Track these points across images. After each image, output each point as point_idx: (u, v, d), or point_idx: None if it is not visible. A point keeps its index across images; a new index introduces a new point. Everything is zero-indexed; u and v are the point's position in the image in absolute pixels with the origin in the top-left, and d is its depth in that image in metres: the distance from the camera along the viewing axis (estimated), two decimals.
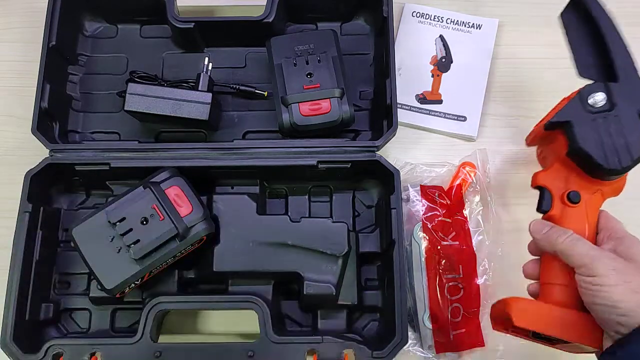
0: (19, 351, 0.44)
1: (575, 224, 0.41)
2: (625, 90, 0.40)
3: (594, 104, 0.40)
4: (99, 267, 0.45)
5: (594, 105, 0.40)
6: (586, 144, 0.39)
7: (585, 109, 0.40)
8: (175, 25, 0.53)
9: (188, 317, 0.51)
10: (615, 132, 0.39)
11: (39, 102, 0.50)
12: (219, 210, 0.49)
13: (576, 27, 0.44)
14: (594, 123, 0.40)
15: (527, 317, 0.39)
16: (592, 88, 0.41)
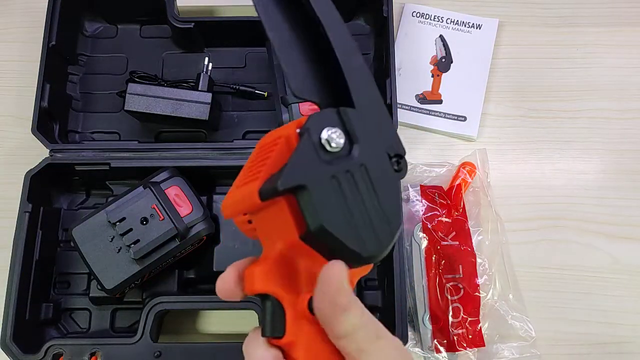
0: (19, 351, 0.44)
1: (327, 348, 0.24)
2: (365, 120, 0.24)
3: (329, 146, 0.23)
4: (98, 267, 0.45)
5: (330, 149, 0.23)
6: (332, 224, 0.23)
7: (320, 156, 0.23)
8: (175, 25, 0.53)
9: (188, 317, 0.51)
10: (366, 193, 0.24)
11: (39, 102, 0.50)
12: (219, 210, 0.49)
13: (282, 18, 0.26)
14: (335, 183, 0.23)
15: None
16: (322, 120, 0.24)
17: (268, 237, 0.25)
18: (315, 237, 0.23)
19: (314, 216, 0.22)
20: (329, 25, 0.25)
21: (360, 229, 0.23)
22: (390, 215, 0.24)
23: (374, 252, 0.24)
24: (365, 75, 0.25)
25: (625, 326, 0.51)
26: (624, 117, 0.57)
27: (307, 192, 0.22)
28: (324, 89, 0.26)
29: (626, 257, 0.53)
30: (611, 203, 0.54)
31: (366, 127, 0.24)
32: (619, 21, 0.60)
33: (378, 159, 0.24)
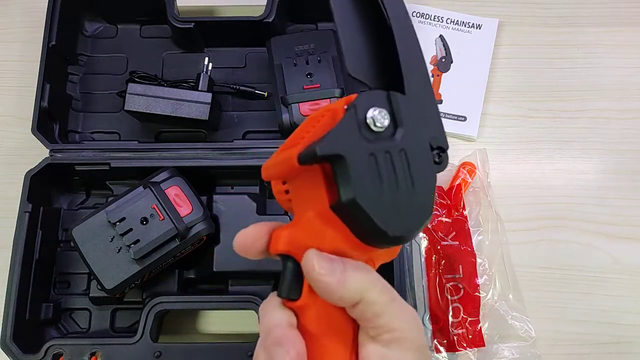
0: (19, 351, 0.44)
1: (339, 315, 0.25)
2: (413, 108, 0.25)
3: (374, 124, 0.24)
4: (98, 267, 0.45)
5: (374, 128, 0.24)
6: (364, 199, 0.23)
7: (362, 133, 0.23)
8: (175, 25, 0.53)
9: (188, 317, 0.51)
10: (402, 177, 0.24)
11: (39, 102, 0.49)
12: (219, 210, 0.49)
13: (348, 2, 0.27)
14: (373, 161, 0.23)
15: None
16: (371, 99, 0.24)
17: (301, 206, 0.26)
18: (346, 208, 0.23)
19: (347, 187, 0.23)
20: (392, 9, 0.26)
21: (389, 209, 0.23)
22: (422, 204, 0.24)
23: (400, 233, 0.24)
24: (420, 64, 0.25)
25: (625, 326, 0.51)
26: (624, 117, 0.57)
27: (344, 163, 0.23)
28: (378, 72, 0.26)
29: (626, 257, 0.53)
30: (611, 203, 0.54)
31: (413, 114, 0.24)
32: (619, 21, 0.60)
33: (420, 147, 0.24)
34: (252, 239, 0.26)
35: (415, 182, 0.24)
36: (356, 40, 0.26)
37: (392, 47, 0.25)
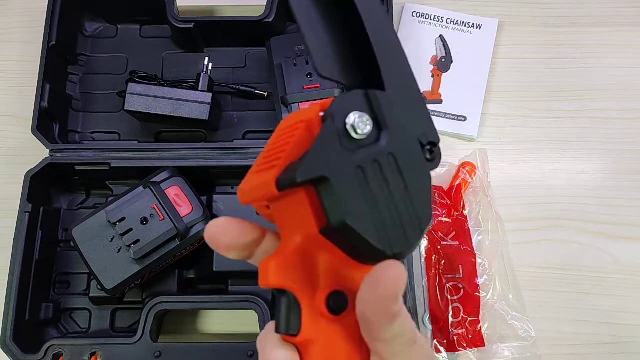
0: (19, 351, 0.44)
1: (346, 348, 0.23)
2: (396, 105, 0.22)
3: (355, 132, 0.21)
4: (98, 267, 0.45)
5: (356, 137, 0.21)
6: (356, 220, 0.21)
7: (343, 144, 0.21)
8: (175, 25, 0.53)
9: (188, 317, 0.51)
10: (395, 185, 0.21)
11: (39, 102, 0.49)
12: (219, 210, 0.49)
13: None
14: (361, 175, 0.21)
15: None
16: (348, 103, 0.21)
17: (286, 227, 0.23)
18: (337, 232, 0.21)
19: (335, 211, 0.21)
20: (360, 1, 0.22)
21: (386, 225, 0.21)
22: (420, 210, 0.22)
23: (400, 250, 0.21)
24: (398, 55, 0.22)
25: (625, 326, 0.51)
26: (624, 118, 0.57)
27: (328, 184, 0.20)
28: (352, 69, 0.23)
29: (626, 257, 0.53)
30: (611, 203, 0.54)
31: (396, 112, 0.22)
32: (619, 21, 0.60)
33: (409, 147, 0.22)
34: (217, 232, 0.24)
35: (409, 188, 0.22)
36: (322, 34, 0.22)
37: (363, 36, 0.22)
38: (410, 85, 0.23)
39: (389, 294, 0.20)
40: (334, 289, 0.22)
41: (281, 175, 0.21)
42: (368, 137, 0.21)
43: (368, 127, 0.21)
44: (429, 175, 0.22)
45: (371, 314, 0.21)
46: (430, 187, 0.22)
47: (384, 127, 0.21)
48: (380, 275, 0.20)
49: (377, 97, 0.21)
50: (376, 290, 0.20)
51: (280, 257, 0.22)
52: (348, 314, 0.22)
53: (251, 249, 0.25)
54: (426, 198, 0.22)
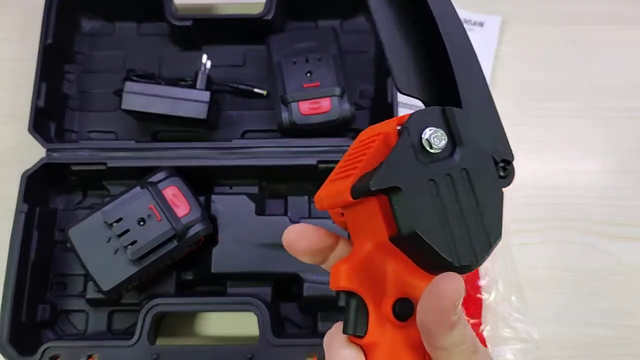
0: (16, 353, 0.43)
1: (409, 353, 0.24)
2: (472, 122, 0.23)
3: (430, 146, 0.22)
4: (95, 269, 0.44)
5: (430, 151, 0.22)
6: (426, 230, 0.22)
7: (418, 157, 0.22)
8: (173, 23, 0.53)
9: (186, 319, 0.50)
10: (466, 199, 0.22)
11: (35, 101, 0.49)
12: (217, 211, 0.49)
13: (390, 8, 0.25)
14: (433, 187, 0.22)
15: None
16: (425, 118, 0.23)
17: (358, 234, 0.25)
18: (406, 241, 0.22)
19: (406, 220, 0.22)
20: (442, 18, 0.24)
21: (455, 237, 0.22)
22: (490, 226, 0.23)
23: (468, 263, 0.22)
24: (476, 74, 0.24)
25: (629, 328, 0.50)
26: (628, 117, 0.56)
27: (400, 195, 0.22)
28: (431, 86, 0.24)
29: (630, 257, 0.52)
30: (614, 203, 0.54)
31: (472, 129, 0.23)
32: (624, 19, 0.59)
33: (482, 163, 0.23)
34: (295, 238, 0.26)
35: (480, 204, 0.23)
36: (403, 51, 0.24)
37: (443, 55, 0.24)
38: (487, 102, 0.24)
39: (447, 303, 0.21)
40: (401, 296, 0.23)
41: (356, 183, 0.23)
42: (442, 151, 0.22)
43: (443, 142, 0.22)
44: (501, 193, 0.24)
45: (430, 322, 0.21)
46: (501, 205, 0.24)
47: (459, 143, 0.23)
48: (439, 286, 0.21)
49: (453, 114, 0.23)
50: (435, 300, 0.21)
51: (352, 261, 0.24)
52: (413, 320, 0.23)
53: (325, 255, 0.26)
54: (496, 215, 0.23)
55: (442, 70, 0.24)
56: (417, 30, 0.25)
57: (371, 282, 0.23)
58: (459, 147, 0.23)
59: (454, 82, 0.23)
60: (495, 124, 0.24)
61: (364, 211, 0.24)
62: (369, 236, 0.24)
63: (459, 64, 0.24)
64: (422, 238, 0.22)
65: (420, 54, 0.24)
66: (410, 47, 0.24)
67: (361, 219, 0.24)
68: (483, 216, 0.23)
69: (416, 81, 0.24)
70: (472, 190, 0.23)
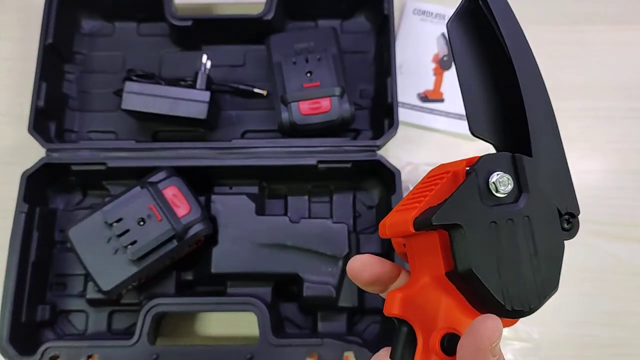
0: (15, 353, 0.43)
1: None
2: (541, 172, 0.24)
3: (496, 190, 0.23)
4: (95, 269, 0.44)
5: (496, 194, 0.23)
6: (482, 270, 0.22)
7: (483, 199, 0.23)
8: (173, 23, 0.53)
9: (186, 320, 0.50)
10: (524, 247, 0.23)
11: (35, 101, 0.49)
12: (217, 211, 0.48)
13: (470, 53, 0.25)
14: (493, 229, 0.23)
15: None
16: (492, 163, 0.23)
17: (416, 265, 0.26)
18: (462, 278, 0.23)
19: (463, 258, 0.22)
20: (521, 68, 0.24)
21: (509, 281, 0.23)
22: (547, 277, 0.23)
23: (519, 308, 0.23)
24: (550, 124, 0.25)
25: (629, 328, 0.50)
26: (628, 117, 0.56)
27: (460, 232, 0.22)
28: (504, 131, 0.25)
29: (629, 257, 0.52)
30: (614, 203, 0.54)
31: (540, 178, 0.23)
32: (625, 19, 0.59)
33: (546, 213, 0.23)
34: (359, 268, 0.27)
35: (539, 252, 0.23)
36: (479, 94, 0.25)
37: (518, 102, 0.24)
38: (557, 154, 0.25)
39: (485, 344, 0.21)
40: (451, 331, 0.23)
41: (419, 216, 0.23)
42: (508, 196, 0.23)
43: (509, 187, 0.23)
44: (562, 245, 0.24)
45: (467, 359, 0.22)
46: (561, 257, 0.24)
47: (525, 190, 0.23)
48: (479, 326, 0.21)
49: (522, 161, 0.23)
50: (474, 340, 0.21)
51: (407, 291, 0.25)
52: None
53: (387, 285, 0.27)
54: (555, 266, 0.24)
55: (516, 116, 0.24)
56: (495, 75, 0.25)
57: (423, 313, 0.24)
58: (525, 194, 0.23)
59: (527, 130, 0.24)
60: (563, 175, 0.24)
61: (424, 244, 0.25)
62: (427, 269, 0.25)
63: (534, 113, 0.24)
64: (477, 277, 0.22)
65: (496, 98, 0.25)
66: (487, 91, 0.25)
67: (421, 251, 0.25)
68: (541, 265, 0.23)
69: (489, 125, 0.25)
70: (532, 238, 0.23)
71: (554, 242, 0.24)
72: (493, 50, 0.25)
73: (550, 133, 0.25)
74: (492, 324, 0.21)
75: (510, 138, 0.25)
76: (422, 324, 0.24)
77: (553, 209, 0.24)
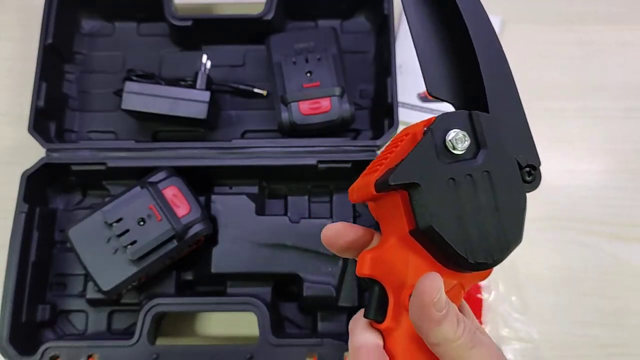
0: (15, 353, 0.43)
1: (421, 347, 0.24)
2: (499, 127, 0.24)
3: (453, 147, 0.23)
4: (95, 269, 0.44)
5: (453, 152, 0.23)
6: (442, 226, 0.23)
7: (440, 157, 0.23)
8: (173, 23, 0.53)
9: (186, 320, 0.50)
10: (485, 200, 0.23)
11: (35, 101, 0.49)
12: (217, 211, 0.48)
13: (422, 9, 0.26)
14: (452, 185, 0.23)
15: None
16: (449, 122, 0.24)
17: (384, 227, 0.26)
18: (424, 235, 0.23)
19: (423, 215, 0.23)
20: (472, 21, 0.25)
21: (471, 235, 0.23)
22: (508, 228, 0.23)
23: (482, 260, 0.23)
24: (506, 80, 0.25)
25: (629, 328, 0.50)
26: (627, 117, 0.56)
27: (419, 190, 0.23)
28: (461, 91, 0.25)
29: (630, 257, 0.52)
30: (615, 203, 0.54)
31: (498, 133, 0.24)
32: (624, 19, 0.59)
33: (506, 167, 0.24)
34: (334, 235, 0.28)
35: (501, 205, 0.23)
36: (434, 55, 0.25)
37: (473, 60, 0.24)
38: (515, 108, 0.25)
39: (427, 300, 0.22)
40: None
41: (380, 178, 0.24)
42: (465, 153, 0.23)
43: (466, 144, 0.23)
44: (524, 197, 0.24)
45: (416, 319, 0.23)
46: (524, 210, 0.24)
47: (483, 146, 0.23)
48: (419, 284, 0.22)
49: (479, 118, 0.24)
50: (416, 297, 0.22)
51: (377, 252, 0.26)
52: None
53: (362, 249, 0.28)
54: (518, 219, 0.24)
55: (472, 75, 0.25)
56: (448, 35, 0.25)
57: (393, 272, 0.25)
58: (483, 149, 0.23)
59: (483, 87, 0.24)
60: (522, 129, 0.25)
61: (388, 205, 0.25)
62: (394, 230, 0.25)
63: (488, 69, 0.24)
64: (438, 233, 0.23)
65: (451, 58, 0.25)
66: (441, 52, 0.25)
67: (386, 212, 0.26)
68: (502, 218, 0.23)
69: (446, 85, 0.25)
70: (492, 192, 0.23)
71: (515, 195, 0.24)
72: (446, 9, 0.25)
73: (506, 89, 0.25)
74: (430, 281, 0.22)
75: (468, 97, 0.25)
76: (392, 282, 0.25)
77: (513, 163, 0.24)
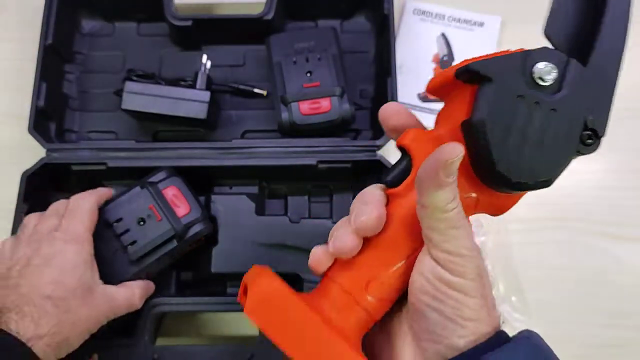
0: None
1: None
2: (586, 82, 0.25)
3: (537, 75, 0.25)
4: None
5: (535, 78, 0.25)
6: (492, 124, 0.24)
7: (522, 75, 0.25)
8: (173, 23, 0.53)
9: (186, 319, 0.50)
10: (538, 131, 0.24)
11: (36, 101, 0.49)
12: (217, 211, 0.48)
13: None
14: (518, 101, 0.24)
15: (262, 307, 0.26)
16: (547, 55, 0.25)
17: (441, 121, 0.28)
18: (473, 129, 0.25)
19: (481, 108, 0.24)
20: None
21: (509, 148, 0.24)
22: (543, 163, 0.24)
23: (506, 173, 0.24)
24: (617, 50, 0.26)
25: (630, 328, 0.50)
26: (629, 117, 0.56)
27: (489, 86, 0.24)
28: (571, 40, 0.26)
29: (630, 257, 0.52)
30: (616, 203, 0.54)
31: (582, 87, 0.25)
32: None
33: (572, 117, 0.25)
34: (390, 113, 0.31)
35: (547, 143, 0.24)
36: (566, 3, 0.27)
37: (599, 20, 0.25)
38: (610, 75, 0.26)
39: (442, 157, 0.22)
40: None
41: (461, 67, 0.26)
42: (546, 88, 0.25)
43: (549, 80, 0.25)
44: (569, 153, 0.25)
45: (422, 176, 0.23)
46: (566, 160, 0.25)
47: (562, 90, 0.25)
48: (441, 147, 0.23)
49: (574, 66, 0.25)
50: (435, 155, 0.23)
51: (423, 131, 0.28)
52: None
53: None
54: (557, 160, 0.25)
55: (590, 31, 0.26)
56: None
57: (424, 150, 0.26)
58: (561, 93, 0.25)
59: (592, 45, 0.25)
60: (606, 97, 0.25)
61: (456, 97, 0.27)
62: (448, 121, 0.27)
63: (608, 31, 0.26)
64: (485, 131, 0.24)
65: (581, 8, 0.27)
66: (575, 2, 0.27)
67: (450, 104, 0.28)
68: (543, 152, 0.24)
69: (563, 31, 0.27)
70: (547, 129, 0.24)
71: (564, 145, 0.25)
72: None
73: (612, 58, 0.26)
74: (451, 147, 0.22)
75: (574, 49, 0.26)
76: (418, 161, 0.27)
77: (580, 118, 0.25)
